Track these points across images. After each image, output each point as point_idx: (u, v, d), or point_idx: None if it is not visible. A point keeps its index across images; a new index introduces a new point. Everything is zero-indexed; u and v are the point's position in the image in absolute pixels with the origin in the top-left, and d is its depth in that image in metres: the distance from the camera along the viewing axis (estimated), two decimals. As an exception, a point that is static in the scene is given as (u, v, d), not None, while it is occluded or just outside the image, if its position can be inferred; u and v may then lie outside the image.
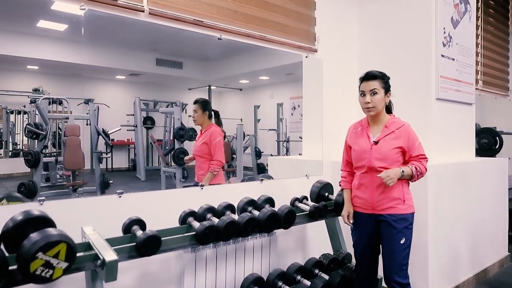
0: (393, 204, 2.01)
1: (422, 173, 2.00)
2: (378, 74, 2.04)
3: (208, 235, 1.86)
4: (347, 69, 3.33)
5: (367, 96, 2.02)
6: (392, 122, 2.07)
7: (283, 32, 2.80)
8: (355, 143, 2.15)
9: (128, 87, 8.68)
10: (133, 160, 8.65)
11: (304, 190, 2.89)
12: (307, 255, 2.94)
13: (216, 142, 2.89)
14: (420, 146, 2.03)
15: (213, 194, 2.42)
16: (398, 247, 1.99)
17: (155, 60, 7.46)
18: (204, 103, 2.98)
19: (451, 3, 3.05)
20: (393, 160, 1.99)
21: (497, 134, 4.29)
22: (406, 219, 2.01)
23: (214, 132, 2.91)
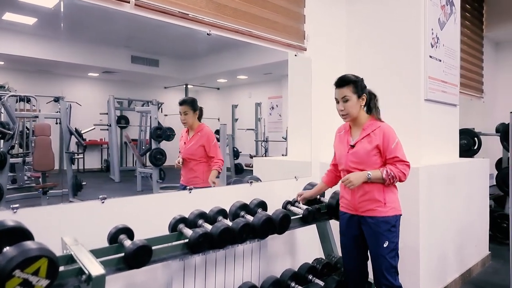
0: (374, 206, 1.98)
1: (397, 177, 1.94)
2: (348, 80, 2.01)
3: (202, 243, 1.73)
4: (335, 68, 3.28)
5: (340, 104, 2.03)
6: (370, 124, 2.04)
7: (272, 29, 2.71)
8: (337, 147, 2.19)
9: (102, 85, 8.34)
10: (106, 160, 8.33)
11: (294, 192, 2.81)
12: (297, 259, 2.86)
13: (215, 143, 2.82)
14: (397, 149, 1.96)
15: (202, 198, 2.29)
16: (382, 250, 1.96)
17: (131, 57, 7.20)
18: (193, 102, 2.83)
19: (438, 4, 3.06)
20: (370, 163, 1.97)
21: (476, 135, 4.38)
22: (388, 222, 1.97)
23: (209, 133, 2.81)
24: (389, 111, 2.96)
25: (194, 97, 2.94)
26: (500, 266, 3.58)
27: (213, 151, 2.77)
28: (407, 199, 2.63)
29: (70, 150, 5.60)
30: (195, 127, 2.84)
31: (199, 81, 9.20)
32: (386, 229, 1.96)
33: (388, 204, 1.98)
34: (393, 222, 1.98)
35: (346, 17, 3.33)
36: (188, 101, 2.83)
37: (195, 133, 2.82)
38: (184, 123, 2.85)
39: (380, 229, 1.95)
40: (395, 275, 2.00)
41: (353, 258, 2.13)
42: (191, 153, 2.80)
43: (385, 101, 2.98)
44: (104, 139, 8.35)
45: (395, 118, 2.92)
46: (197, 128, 2.83)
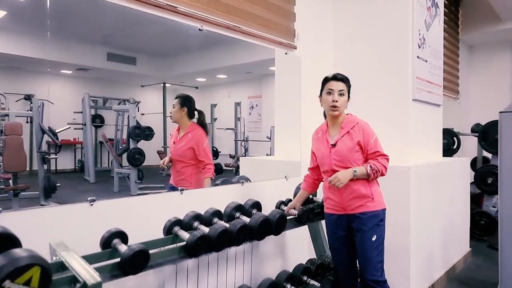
0: (363, 202, 2.02)
1: (380, 171, 1.99)
2: (345, 78, 2.10)
3: (200, 246, 1.66)
4: (323, 67, 3.27)
5: (335, 95, 2.03)
6: (347, 122, 2.07)
7: (264, 27, 2.66)
8: (317, 149, 2.17)
9: (75, 83, 8.02)
10: (80, 160, 8.02)
11: (284, 192, 2.78)
12: (288, 260, 2.83)
13: (206, 146, 2.67)
14: (377, 143, 2.03)
15: (194, 199, 2.22)
16: (371, 244, 1.99)
17: (106, 54, 6.96)
18: (184, 98, 2.71)
19: (425, 6, 3.10)
20: (353, 159, 2.00)
21: (455, 135, 4.49)
22: (377, 216, 2.02)
23: (199, 136, 2.65)
24: (378, 110, 3.00)
25: (189, 95, 2.81)
26: (480, 262, 3.68)
27: (203, 154, 2.63)
28: (398, 199, 2.66)
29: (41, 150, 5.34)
30: (186, 127, 2.71)
31: (177, 80, 9.02)
32: (375, 224, 2.00)
33: (376, 199, 2.03)
34: (381, 216, 2.04)
35: (333, 16, 3.32)
36: (180, 96, 2.73)
37: (186, 133, 2.71)
38: (170, 116, 2.75)
39: (370, 223, 1.99)
40: (382, 271, 2.03)
41: (343, 258, 2.15)
42: (179, 154, 2.69)
43: (374, 101, 3.03)
44: (78, 139, 8.05)
45: (384, 117, 2.96)
46: (188, 128, 2.71)
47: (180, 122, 2.71)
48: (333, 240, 2.16)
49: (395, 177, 2.59)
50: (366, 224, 1.99)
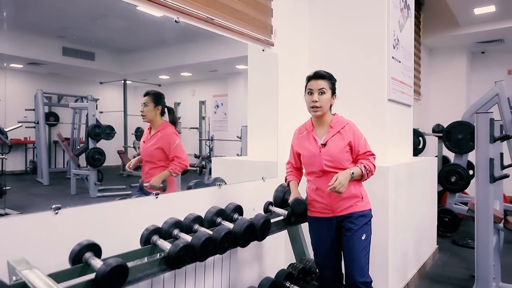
0: (353, 202, 1.98)
1: (372, 171, 1.98)
2: (326, 75, 2.01)
3: (183, 257, 1.51)
4: (300, 66, 3.22)
5: (315, 95, 1.97)
6: (337, 122, 2.03)
7: (242, 22, 2.54)
8: (302, 148, 2.08)
9: (27, 78, 7.41)
10: (32, 161, 7.45)
11: (263, 194, 2.68)
12: (266, 264, 2.74)
13: (177, 145, 2.47)
14: (366, 143, 2.01)
15: (170, 203, 2.05)
16: (360, 244, 1.95)
17: (62, 48, 6.51)
18: (157, 95, 2.52)
19: (398, 7, 3.13)
20: (344, 160, 1.96)
21: (421, 135, 4.62)
22: (366, 216, 2.00)
23: (170, 134, 2.46)
24: (354, 110, 2.97)
25: (160, 91, 2.63)
26: (447, 258, 3.79)
27: (175, 152, 2.43)
28: (377, 199, 2.63)
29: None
30: (157, 125, 2.53)
31: (139, 77, 8.64)
32: (364, 223, 1.97)
33: (364, 199, 2.01)
34: (369, 215, 2.02)
35: (309, 12, 3.27)
36: (151, 93, 2.53)
37: (156, 132, 2.53)
38: (142, 115, 2.54)
39: (360, 222, 1.96)
40: (368, 271, 2.00)
41: (329, 263, 2.08)
42: (148, 155, 2.50)
43: (351, 100, 3.00)
44: (29, 138, 7.47)
45: (360, 117, 2.92)
46: (159, 126, 2.52)
47: (153, 122, 2.53)
48: (320, 245, 2.07)
49: (374, 177, 2.56)
50: (356, 223, 1.95)
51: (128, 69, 7.97)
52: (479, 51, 6.90)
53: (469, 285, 3.10)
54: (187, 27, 2.40)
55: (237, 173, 3.15)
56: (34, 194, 6.20)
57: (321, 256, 2.09)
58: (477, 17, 5.47)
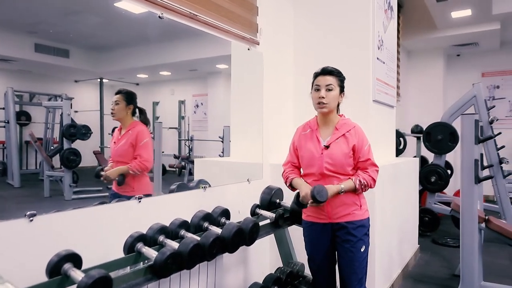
0: (351, 210, 1.88)
1: (370, 185, 1.87)
2: (335, 71, 1.92)
3: (170, 266, 1.43)
4: (285, 65, 3.17)
5: (322, 91, 1.87)
6: (343, 124, 1.93)
7: (228, 19, 2.47)
8: (303, 148, 1.96)
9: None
10: (2, 162, 7.11)
11: (247, 196, 2.62)
12: (251, 269, 2.68)
13: (144, 144, 2.35)
14: (369, 151, 1.91)
15: (154, 208, 1.96)
16: (359, 255, 1.87)
17: (34, 45, 6.23)
18: (129, 94, 2.42)
19: (382, 8, 3.13)
20: (345, 165, 1.86)
21: (402, 135, 4.67)
22: (364, 225, 1.91)
23: (141, 131, 2.35)
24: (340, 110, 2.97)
25: (132, 91, 2.53)
26: (428, 257, 3.84)
27: (139, 151, 2.31)
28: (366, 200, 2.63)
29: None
30: (128, 124, 2.40)
31: (116, 76, 8.39)
32: (364, 233, 1.89)
33: (363, 207, 1.91)
34: (368, 225, 1.93)
35: (294, 11, 3.23)
36: (123, 91, 2.42)
37: (127, 131, 2.41)
38: (112, 113, 2.42)
39: (359, 233, 1.87)
40: (365, 281, 1.95)
41: (324, 270, 1.99)
42: (119, 154, 2.37)
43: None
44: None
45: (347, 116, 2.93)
46: (130, 125, 2.40)
47: (123, 121, 2.41)
48: (316, 251, 1.97)
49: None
50: (355, 235, 1.86)
51: (105, 67, 7.73)
52: (455, 54, 7.08)
53: (451, 284, 3.15)
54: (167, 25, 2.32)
55: (221, 175, 3.07)
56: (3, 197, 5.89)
57: (316, 262, 1.99)
58: (454, 20, 5.60)
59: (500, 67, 6.87)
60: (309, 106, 3.17)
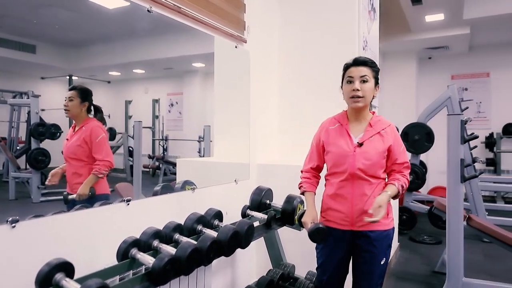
0: None
1: (406, 188, 1.73)
2: (369, 61, 1.74)
3: (169, 272, 1.35)
4: (271, 64, 3.14)
5: (356, 83, 1.68)
6: (377, 121, 1.75)
7: (216, 15, 2.40)
8: (332, 144, 1.77)
9: (-46, 71, 6.62)
10: (-38, 164, 6.65)
11: (235, 197, 2.58)
12: (239, 271, 2.63)
13: (100, 140, 2.19)
14: (405, 153, 1.77)
15: (142, 211, 1.87)
16: (377, 268, 1.72)
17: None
18: (84, 91, 2.27)
19: (367, 9, 3.16)
20: (379, 166, 1.70)
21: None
22: (389, 236, 1.74)
23: (95, 128, 2.21)
24: (325, 109, 2.97)
25: (87, 87, 2.38)
26: (407, 255, 3.92)
27: (96, 149, 2.17)
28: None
29: None
30: (82, 121, 2.26)
31: (86, 73, 8.06)
32: (387, 245, 1.73)
33: (390, 215, 1.74)
34: (392, 235, 1.77)
35: (280, 10, 3.20)
36: (78, 87, 2.27)
37: (80, 127, 2.27)
38: (65, 109, 2.28)
39: (382, 245, 1.71)
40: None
41: (333, 281, 1.82)
42: (72, 152, 2.22)
43: (322, 100, 2.99)
44: (-44, 138, 6.67)
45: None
46: (83, 122, 2.27)
47: (77, 118, 2.27)
48: (329, 259, 1.79)
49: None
50: (377, 246, 1.69)
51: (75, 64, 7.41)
52: (427, 57, 7.31)
53: (432, 280, 3.23)
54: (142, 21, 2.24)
55: (205, 176, 2.99)
56: (-36, 201, 5.53)
57: (326, 271, 1.81)
58: (428, 24, 5.77)
59: (468, 70, 7.16)
60: (294, 106, 3.17)
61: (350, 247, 1.77)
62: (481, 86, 7.08)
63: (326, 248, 1.81)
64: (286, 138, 3.21)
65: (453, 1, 4.93)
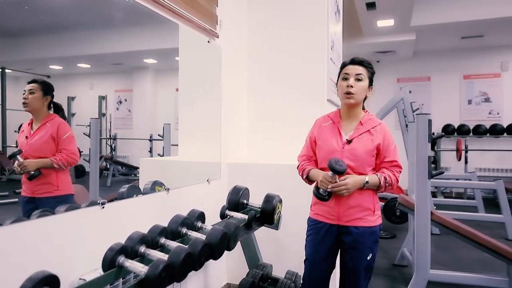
0: (362, 215, 1.74)
1: (392, 185, 1.76)
2: (365, 61, 1.81)
3: (163, 279, 1.24)
4: (241, 61, 3.08)
5: (350, 80, 1.76)
6: (368, 119, 1.81)
7: (190, 7, 2.29)
8: (322, 140, 1.83)
9: None
10: None
11: (209, 197, 2.49)
12: (208, 273, 2.54)
13: (68, 137, 2.02)
14: (396, 152, 1.79)
15: (118, 213, 1.72)
16: (364, 263, 1.76)
17: None
18: (47, 85, 2.06)
19: (334, 10, 3.22)
20: (367, 163, 1.75)
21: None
22: (375, 233, 1.77)
23: (62, 123, 2.03)
24: (295, 109, 2.98)
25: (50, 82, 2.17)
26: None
27: (63, 143, 2.01)
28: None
29: None
30: (43, 117, 2.05)
31: (23, 66, 7.39)
32: (373, 241, 1.76)
33: (376, 212, 1.78)
34: (378, 232, 1.80)
35: (248, 6, 3.15)
36: (40, 80, 2.06)
37: (43, 123, 2.06)
38: (24, 103, 2.05)
39: (367, 241, 1.74)
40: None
41: (321, 272, 1.85)
42: (36, 149, 2.01)
43: (292, 99, 2.99)
44: None
45: (300, 116, 2.95)
46: (46, 118, 2.06)
47: (38, 113, 2.06)
48: (316, 252, 1.83)
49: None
50: (362, 242, 1.73)
51: (9, 55, 6.74)
52: (375, 60, 7.69)
53: (393, 273, 3.38)
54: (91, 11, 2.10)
55: (174, 176, 2.85)
56: None
57: (313, 265, 1.85)
58: (379, 29, 6.06)
59: (412, 74, 7.65)
60: (263, 104, 3.14)
61: (337, 242, 1.81)
62: (423, 89, 7.61)
63: (314, 241, 1.85)
64: (255, 136, 3.17)
65: (403, 8, 5.22)
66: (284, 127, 3.06)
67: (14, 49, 5.82)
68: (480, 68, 7.32)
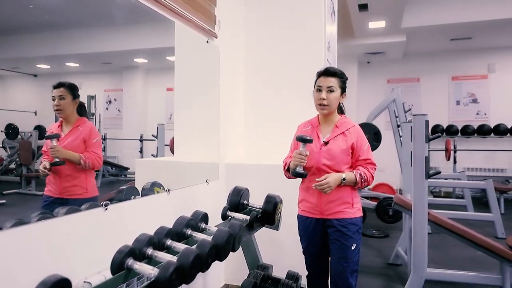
0: (342, 208, 1.92)
1: (368, 180, 1.93)
2: (338, 72, 1.98)
3: (174, 282, 1.23)
4: (237, 62, 3.07)
5: (323, 92, 1.94)
6: (343, 122, 2.00)
7: (190, 7, 2.27)
8: None
9: None
10: None
11: (208, 198, 2.48)
12: (207, 274, 2.52)
13: (97, 141, 2.07)
14: (369, 151, 1.98)
15: (121, 215, 1.70)
16: (350, 253, 1.91)
17: None
18: (74, 87, 2.07)
19: (330, 11, 3.24)
20: (343, 162, 1.92)
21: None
22: (355, 224, 1.94)
23: (93, 128, 2.13)
24: (292, 110, 2.98)
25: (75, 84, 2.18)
26: (364, 249, 4.11)
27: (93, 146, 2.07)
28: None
29: None
30: (74, 121, 2.08)
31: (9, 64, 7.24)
32: (355, 231, 1.92)
33: (355, 205, 1.95)
34: (359, 223, 1.96)
35: (245, 6, 3.15)
36: (66, 84, 2.07)
37: (74, 127, 2.08)
38: (58, 109, 2.05)
39: (349, 231, 1.90)
40: (356, 279, 1.97)
41: (320, 264, 2.05)
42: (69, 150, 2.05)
43: (288, 100, 3.00)
44: None
45: (298, 116, 2.95)
46: (77, 122, 2.08)
47: (69, 117, 2.08)
48: (311, 245, 2.02)
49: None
50: (344, 233, 1.89)
51: (-6, 54, 6.59)
52: (366, 61, 7.77)
53: (388, 272, 3.42)
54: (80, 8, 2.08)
55: (172, 177, 2.82)
56: None
57: (312, 258, 2.05)
58: (370, 30, 6.12)
59: (402, 75, 7.75)
60: (260, 105, 3.14)
61: (325, 234, 1.97)
62: (413, 90, 7.71)
63: (307, 234, 2.02)
64: (252, 137, 3.17)
65: (395, 10, 5.28)
66: (281, 128, 3.05)
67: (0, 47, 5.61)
68: (468, 70, 7.46)
